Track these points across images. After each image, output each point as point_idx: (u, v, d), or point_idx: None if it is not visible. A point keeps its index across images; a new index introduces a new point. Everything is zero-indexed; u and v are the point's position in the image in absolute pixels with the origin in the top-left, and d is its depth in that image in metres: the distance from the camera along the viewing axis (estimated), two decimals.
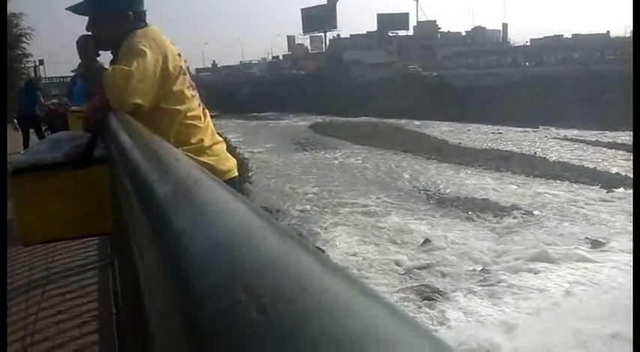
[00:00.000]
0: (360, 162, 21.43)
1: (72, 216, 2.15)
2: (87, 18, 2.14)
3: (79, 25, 2.17)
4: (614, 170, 17.48)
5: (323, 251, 10.23)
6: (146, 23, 2.15)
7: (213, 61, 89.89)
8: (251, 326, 0.21)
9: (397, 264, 9.78)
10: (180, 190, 0.48)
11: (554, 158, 20.72)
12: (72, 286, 3.34)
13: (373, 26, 70.39)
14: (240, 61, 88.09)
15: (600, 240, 10.57)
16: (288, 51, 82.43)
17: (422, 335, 0.20)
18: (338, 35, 74.28)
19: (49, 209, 2.15)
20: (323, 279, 0.25)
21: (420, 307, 8.04)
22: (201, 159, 2.06)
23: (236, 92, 60.45)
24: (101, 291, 3.23)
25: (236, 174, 2.32)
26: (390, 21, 68.68)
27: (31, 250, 3.72)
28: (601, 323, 6.77)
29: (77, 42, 2.14)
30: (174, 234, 0.36)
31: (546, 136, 27.49)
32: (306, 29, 76.81)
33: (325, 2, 73.77)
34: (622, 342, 6.08)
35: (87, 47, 2.13)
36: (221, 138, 2.34)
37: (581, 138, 25.82)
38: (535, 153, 22.14)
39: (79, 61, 2.22)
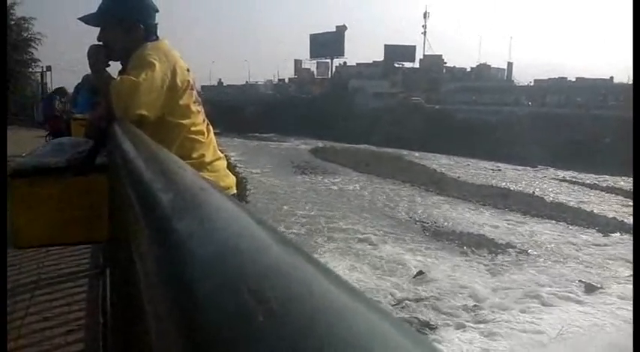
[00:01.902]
0: (358, 189, 21.44)
1: (67, 221, 2.15)
2: (98, 28, 2.18)
3: (89, 33, 2.21)
4: (610, 215, 17.49)
5: None
6: (157, 36, 2.18)
7: (219, 79, 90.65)
8: (258, 329, 0.21)
9: (389, 294, 9.71)
10: (186, 198, 0.49)
11: (551, 198, 20.75)
12: (61, 293, 3.30)
13: (380, 56, 71.17)
14: (247, 81, 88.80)
15: (594, 284, 10.52)
16: (295, 74, 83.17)
17: (420, 341, 0.21)
18: (344, 62, 75.09)
19: (44, 213, 2.14)
20: (327, 284, 0.25)
21: None
22: (201, 173, 2.07)
23: (240, 111, 60.81)
24: (90, 300, 3.19)
25: (235, 191, 2.33)
26: (396, 52, 69.50)
27: (22, 253, 3.68)
28: None
29: (88, 51, 2.17)
30: (179, 240, 0.36)
31: (545, 176, 27.59)
32: (313, 54, 77.67)
33: (334, 29, 74.79)
34: None
35: (97, 56, 2.15)
36: (222, 155, 2.35)
37: (580, 180, 25.90)
38: (533, 192, 22.17)
39: (87, 69, 2.24)
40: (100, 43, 2.17)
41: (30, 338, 2.69)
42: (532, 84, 59.53)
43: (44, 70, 29.83)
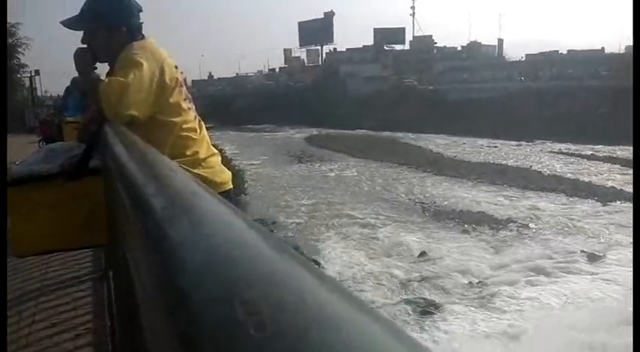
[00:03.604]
0: (355, 174, 21.45)
1: (66, 227, 2.14)
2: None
3: (76, 35, 2.19)
4: (609, 184, 17.56)
5: (319, 263, 10.20)
6: (143, 35, 2.16)
7: (209, 73, 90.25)
8: (248, 343, 0.21)
9: (393, 276, 9.76)
10: (177, 203, 0.48)
11: (549, 171, 20.80)
12: (66, 298, 3.30)
13: (369, 40, 70.81)
14: (237, 73, 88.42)
15: (596, 253, 10.58)
16: (285, 64, 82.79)
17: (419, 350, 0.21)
18: (334, 48, 74.69)
19: (42, 220, 2.13)
20: (320, 293, 0.25)
21: (416, 320, 8.00)
22: (196, 171, 2.06)
23: (232, 104, 60.61)
24: (95, 303, 3.20)
25: (231, 186, 2.32)
26: (386, 35, 69.14)
27: (25, 261, 3.68)
28: (595, 334, 6.80)
29: (74, 54, 2.15)
30: (170, 247, 0.36)
31: (541, 150, 27.62)
32: (302, 42, 77.27)
33: (322, 16, 74.32)
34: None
35: (83, 59, 2.14)
36: (216, 151, 2.34)
37: (576, 152, 25.95)
38: (530, 166, 22.22)
39: (75, 72, 2.23)
40: (85, 45, 2.15)
41: (38, 346, 2.69)
42: (523, 59, 59.32)
43: (33, 74, 29.69)
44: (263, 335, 0.21)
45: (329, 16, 73.95)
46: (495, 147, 29.55)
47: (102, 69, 2.20)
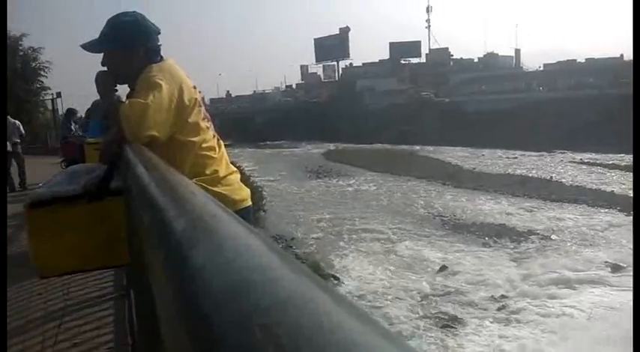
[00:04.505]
0: (374, 189, 21.39)
1: (88, 248, 2.17)
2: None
3: (97, 58, 2.24)
4: (631, 193, 17.22)
5: (338, 278, 10.14)
6: (162, 57, 2.20)
7: (227, 91, 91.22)
8: None
9: (413, 290, 9.66)
10: (198, 225, 0.49)
11: (570, 182, 20.51)
12: (88, 318, 3.34)
13: (385, 55, 71.08)
14: (254, 91, 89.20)
15: (620, 264, 10.37)
16: (302, 80, 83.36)
17: None
18: (350, 63, 75.14)
19: (65, 241, 2.17)
20: (340, 316, 0.25)
21: (438, 335, 7.89)
22: (215, 189, 2.09)
23: (250, 121, 61.06)
24: (117, 322, 3.23)
25: (250, 203, 2.34)
26: (402, 49, 69.33)
27: (47, 282, 3.74)
28: (618, 347, 6.64)
29: (95, 78, 2.21)
30: (192, 270, 0.36)
31: (562, 160, 27.28)
32: (318, 58, 77.84)
33: (337, 32, 74.86)
34: None
35: (104, 82, 2.19)
36: (235, 168, 2.36)
37: (598, 161, 25.58)
38: (551, 177, 21.94)
39: (96, 94, 2.28)
40: (106, 68, 2.21)
41: None
42: (541, 69, 58.89)
43: (54, 96, 30.30)
44: None
45: (344, 31, 74.48)
46: (515, 158, 29.26)
47: (122, 90, 2.26)
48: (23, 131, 11.18)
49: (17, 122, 10.97)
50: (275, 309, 0.26)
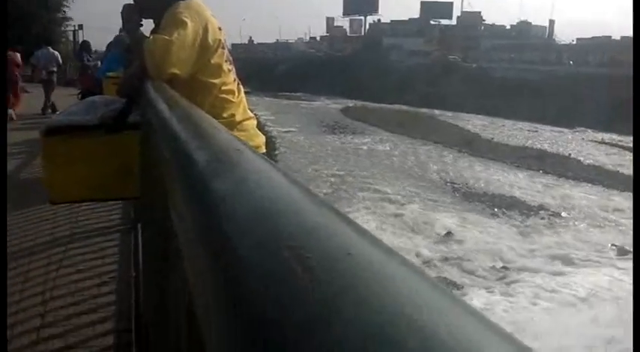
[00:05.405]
0: (388, 149, 21.27)
1: (99, 178, 2.20)
2: None
3: None
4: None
5: None
6: None
7: (250, 37, 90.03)
8: (298, 285, 0.21)
9: (416, 254, 9.75)
10: (222, 159, 0.49)
11: (588, 161, 20.24)
12: (93, 247, 3.43)
13: (415, 13, 69.31)
14: (277, 39, 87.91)
15: (627, 248, 10.34)
16: (326, 32, 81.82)
17: (457, 302, 0.21)
18: (379, 20, 73.42)
19: (77, 170, 2.20)
20: (365, 244, 0.26)
21: None
22: (231, 133, 2.09)
23: (271, 70, 60.42)
24: (122, 254, 3.31)
25: (264, 150, 2.35)
26: (433, 9, 67.46)
27: (56, 209, 3.82)
28: (612, 329, 6.72)
29: (122, 10, 2.19)
30: (216, 199, 0.37)
31: (582, 138, 26.83)
32: (346, 11, 76.10)
33: None
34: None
35: (131, 16, 2.17)
36: (252, 115, 2.36)
37: (619, 143, 25.11)
38: (569, 154, 21.65)
39: (118, 29, 2.27)
40: (132, 1, 2.18)
41: (64, 289, 2.82)
42: (574, 42, 57.17)
43: (76, 28, 30.09)
44: (312, 279, 0.21)
45: None
46: (535, 131, 28.81)
47: (148, 26, 2.23)
48: (60, 61, 12.03)
49: (56, 53, 11.95)
50: (301, 235, 0.26)
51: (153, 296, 1.42)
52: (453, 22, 68.15)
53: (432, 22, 66.68)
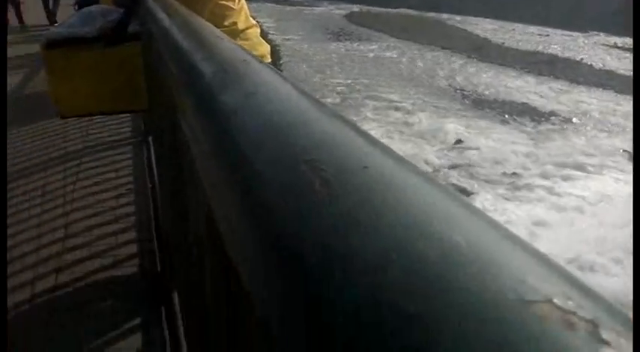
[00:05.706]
0: (395, 56, 20.73)
1: (105, 91, 2.16)
2: None
3: None
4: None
5: None
6: None
7: None
8: (316, 199, 0.21)
9: (425, 161, 9.79)
10: (228, 69, 0.47)
11: (600, 65, 19.71)
12: (107, 160, 3.45)
13: None
14: None
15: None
16: None
17: (475, 212, 0.21)
18: None
19: (82, 84, 2.16)
20: (380, 156, 0.25)
21: None
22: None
23: None
24: (135, 167, 3.33)
25: (269, 59, 2.27)
26: None
27: (67, 124, 3.81)
28: (623, 230, 6.87)
29: None
30: (227, 112, 0.37)
31: (595, 42, 25.95)
32: None
33: None
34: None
35: None
36: (255, 22, 2.26)
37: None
38: (581, 59, 21.05)
39: None
40: None
41: (83, 201, 2.87)
42: None
43: None
44: (329, 192, 0.21)
45: None
46: (547, 35, 27.82)
47: None
48: None
49: None
50: (317, 148, 0.25)
51: (171, 206, 1.44)
52: None
53: None
